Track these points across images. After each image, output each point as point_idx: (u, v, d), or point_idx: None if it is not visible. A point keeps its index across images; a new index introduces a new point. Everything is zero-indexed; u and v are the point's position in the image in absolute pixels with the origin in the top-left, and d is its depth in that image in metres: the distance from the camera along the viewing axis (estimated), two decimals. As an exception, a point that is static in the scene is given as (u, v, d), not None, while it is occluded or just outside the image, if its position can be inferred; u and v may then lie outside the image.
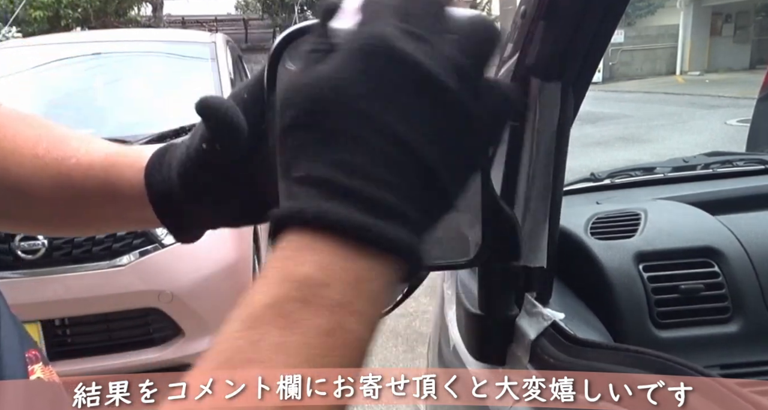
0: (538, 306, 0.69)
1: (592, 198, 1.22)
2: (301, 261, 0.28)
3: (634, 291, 0.91)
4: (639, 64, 19.25)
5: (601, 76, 16.75)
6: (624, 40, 18.27)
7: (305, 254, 0.28)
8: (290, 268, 0.28)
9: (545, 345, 0.66)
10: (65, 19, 12.68)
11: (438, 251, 0.42)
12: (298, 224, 0.29)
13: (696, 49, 18.72)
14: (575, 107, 0.69)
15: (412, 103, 0.30)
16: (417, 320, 3.28)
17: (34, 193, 0.49)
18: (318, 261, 0.28)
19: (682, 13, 18.72)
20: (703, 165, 1.35)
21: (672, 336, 0.89)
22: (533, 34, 0.65)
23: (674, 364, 0.50)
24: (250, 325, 0.28)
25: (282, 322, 0.27)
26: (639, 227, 1.01)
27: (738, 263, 0.93)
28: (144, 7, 15.76)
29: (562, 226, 0.86)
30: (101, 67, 3.46)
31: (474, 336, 0.78)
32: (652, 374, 0.50)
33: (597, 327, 0.80)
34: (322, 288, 0.28)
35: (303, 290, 0.28)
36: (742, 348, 0.89)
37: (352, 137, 0.29)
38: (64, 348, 2.32)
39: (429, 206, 0.31)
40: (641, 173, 1.35)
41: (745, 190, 1.18)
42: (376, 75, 0.30)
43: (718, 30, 19.23)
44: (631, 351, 0.55)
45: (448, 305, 0.99)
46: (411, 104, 0.30)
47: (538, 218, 0.69)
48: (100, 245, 2.29)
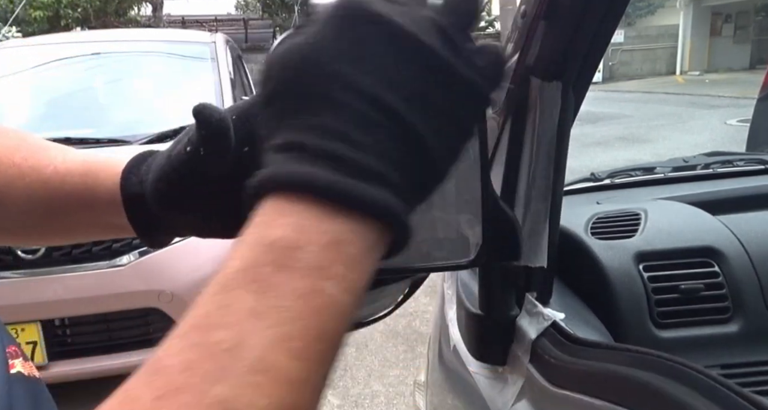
0: (538, 306, 0.69)
1: (592, 198, 1.22)
2: (275, 225, 0.27)
3: (634, 291, 0.91)
4: (639, 64, 19.26)
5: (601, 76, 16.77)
6: (624, 40, 18.28)
7: (280, 218, 0.27)
8: (264, 232, 0.27)
9: (545, 344, 0.66)
10: (65, 19, 12.68)
11: (439, 251, 0.42)
12: (273, 189, 0.28)
13: (696, 49, 18.72)
14: (575, 107, 0.69)
15: (389, 63, 0.29)
16: (417, 320, 3.28)
17: (11, 201, 0.48)
18: (292, 224, 0.27)
19: (682, 13, 18.72)
20: (703, 165, 1.35)
21: (672, 336, 0.89)
22: (533, 34, 0.65)
23: (674, 364, 0.50)
24: (221, 290, 0.26)
25: (255, 286, 0.26)
26: (639, 227, 1.01)
27: (738, 263, 0.93)
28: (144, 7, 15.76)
29: (562, 226, 0.86)
30: (101, 67, 3.46)
31: (474, 336, 0.79)
32: (652, 374, 0.50)
33: (597, 327, 0.80)
34: (296, 251, 0.27)
35: (276, 253, 0.27)
36: (742, 348, 0.89)
37: (329, 100, 0.28)
38: (64, 348, 2.32)
39: (415, 171, 0.30)
40: (641, 173, 1.35)
41: (745, 190, 1.18)
42: (351, 38, 0.29)
43: (718, 30, 19.24)
44: (631, 350, 0.55)
45: (449, 305, 0.99)
46: (388, 64, 0.29)
47: (538, 218, 0.69)
48: (100, 244, 2.29)
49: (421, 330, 3.17)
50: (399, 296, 0.53)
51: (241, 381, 0.24)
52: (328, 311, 0.27)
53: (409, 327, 3.24)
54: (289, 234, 0.27)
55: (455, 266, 0.45)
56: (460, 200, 0.42)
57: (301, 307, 0.26)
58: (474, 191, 0.41)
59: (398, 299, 0.54)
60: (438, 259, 0.43)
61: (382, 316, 0.54)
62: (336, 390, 2.72)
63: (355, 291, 0.28)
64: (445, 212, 0.42)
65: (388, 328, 3.20)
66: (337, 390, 2.72)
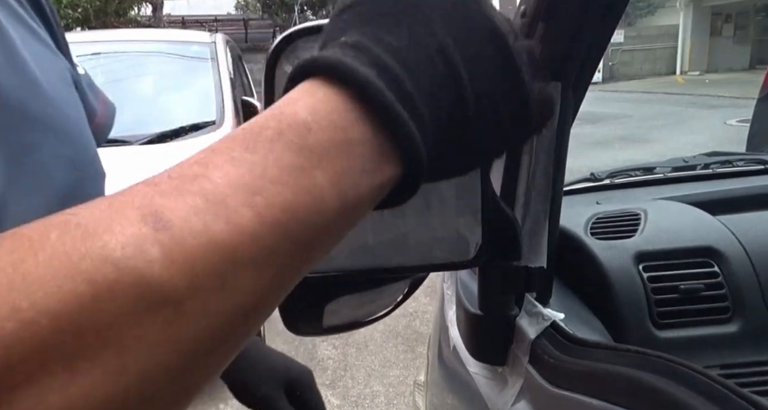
0: (538, 306, 0.69)
1: (592, 198, 1.22)
2: (294, 101, 0.27)
3: (634, 291, 0.91)
4: (639, 64, 19.26)
5: (601, 76, 16.77)
6: (624, 40, 18.29)
7: (303, 97, 0.27)
8: (282, 106, 0.27)
9: (545, 345, 0.66)
10: (65, 19, 12.68)
11: (438, 251, 0.42)
12: (310, 72, 0.28)
13: (696, 50, 18.73)
14: (575, 107, 0.69)
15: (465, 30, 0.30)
16: (417, 320, 3.28)
17: None
18: (311, 105, 0.26)
19: (682, 13, 18.73)
20: (703, 165, 1.35)
21: (672, 336, 0.89)
22: (533, 34, 0.65)
23: (674, 364, 0.50)
24: (219, 142, 0.26)
25: (246, 143, 0.25)
26: (639, 227, 1.01)
27: (738, 263, 0.93)
28: (144, 7, 15.76)
29: (562, 226, 0.86)
30: (101, 67, 3.46)
31: (474, 336, 0.78)
32: (652, 374, 0.50)
33: (597, 327, 0.80)
34: (302, 128, 0.26)
35: (283, 123, 0.26)
36: (742, 348, 0.89)
37: (395, 20, 0.29)
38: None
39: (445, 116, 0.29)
40: (641, 173, 1.35)
41: (745, 190, 1.18)
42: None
43: (718, 30, 19.25)
44: (631, 351, 0.55)
45: (448, 305, 0.99)
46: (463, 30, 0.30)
47: (538, 218, 0.69)
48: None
49: (421, 330, 3.17)
50: (399, 296, 0.53)
51: (187, 199, 0.23)
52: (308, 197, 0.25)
53: (409, 327, 3.24)
54: (302, 112, 0.26)
55: (455, 266, 0.45)
56: (460, 201, 0.42)
57: (282, 177, 0.24)
58: (474, 191, 0.41)
59: (398, 299, 0.54)
60: (437, 259, 0.43)
61: (381, 316, 0.54)
62: (336, 390, 2.72)
63: (345, 200, 0.26)
64: (445, 213, 0.42)
65: (388, 328, 3.20)
66: (337, 390, 2.72)
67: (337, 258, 0.40)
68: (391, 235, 0.41)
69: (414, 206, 0.41)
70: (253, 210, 0.23)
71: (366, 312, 0.48)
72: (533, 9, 0.64)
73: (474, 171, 0.41)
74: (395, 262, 0.41)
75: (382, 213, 0.30)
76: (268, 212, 0.24)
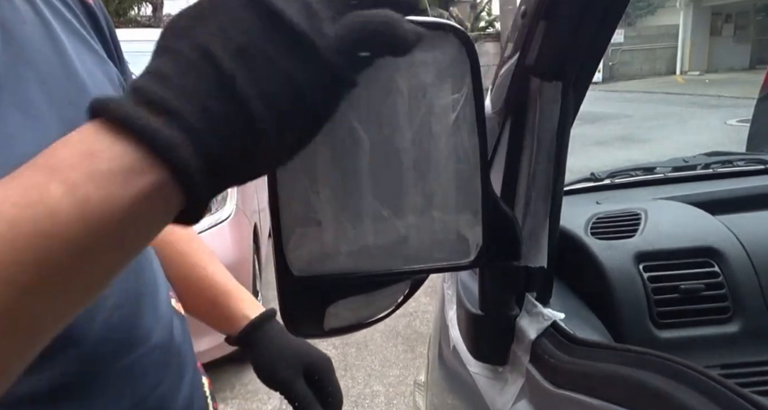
0: (538, 306, 0.69)
1: (592, 198, 1.22)
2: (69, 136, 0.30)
3: (634, 291, 0.91)
4: (639, 64, 19.26)
5: (601, 76, 16.78)
6: (624, 40, 18.29)
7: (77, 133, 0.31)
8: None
9: (545, 344, 0.66)
10: (65, 19, 12.64)
11: (438, 252, 0.42)
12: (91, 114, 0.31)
13: (696, 49, 18.72)
14: (575, 106, 0.69)
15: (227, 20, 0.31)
16: (417, 320, 3.28)
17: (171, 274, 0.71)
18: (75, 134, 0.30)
19: (682, 13, 18.73)
20: (703, 165, 1.35)
21: (672, 336, 0.89)
22: (533, 34, 0.65)
23: (674, 364, 0.50)
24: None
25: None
26: (639, 227, 1.01)
27: (738, 263, 0.93)
28: (144, 7, 15.75)
29: (562, 226, 0.86)
30: (101, 67, 3.45)
31: (474, 336, 0.78)
32: (652, 374, 0.50)
33: (597, 327, 0.80)
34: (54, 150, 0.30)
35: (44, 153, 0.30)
36: (742, 348, 0.89)
37: (167, 50, 0.31)
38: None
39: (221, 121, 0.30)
40: (641, 173, 1.35)
41: (745, 190, 1.18)
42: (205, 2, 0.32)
43: (718, 30, 19.24)
44: (631, 351, 0.55)
45: (449, 305, 0.99)
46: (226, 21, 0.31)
47: (538, 218, 0.69)
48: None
49: (421, 330, 3.17)
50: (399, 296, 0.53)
51: None
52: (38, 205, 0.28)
53: (409, 327, 3.24)
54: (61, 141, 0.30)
55: (455, 268, 0.45)
56: (459, 201, 0.42)
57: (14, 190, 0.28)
58: (474, 191, 0.41)
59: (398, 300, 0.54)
60: (438, 260, 0.43)
61: (382, 317, 0.54)
62: (336, 390, 2.72)
63: (86, 207, 0.28)
64: (445, 213, 0.42)
65: (388, 328, 3.20)
66: (337, 390, 2.72)
67: (339, 261, 0.41)
68: (392, 238, 0.41)
69: (414, 207, 0.41)
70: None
71: (367, 313, 0.48)
72: (533, 9, 0.64)
73: (474, 171, 0.41)
74: (396, 265, 0.41)
75: (382, 215, 0.29)
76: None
